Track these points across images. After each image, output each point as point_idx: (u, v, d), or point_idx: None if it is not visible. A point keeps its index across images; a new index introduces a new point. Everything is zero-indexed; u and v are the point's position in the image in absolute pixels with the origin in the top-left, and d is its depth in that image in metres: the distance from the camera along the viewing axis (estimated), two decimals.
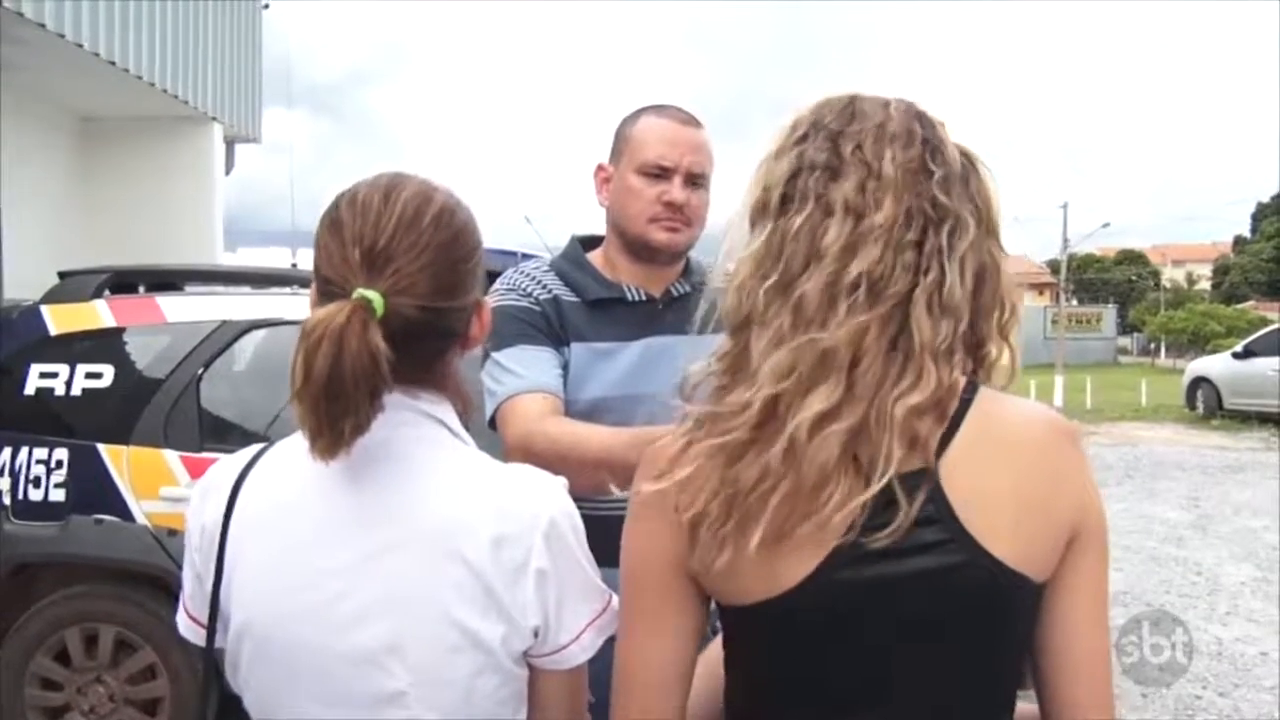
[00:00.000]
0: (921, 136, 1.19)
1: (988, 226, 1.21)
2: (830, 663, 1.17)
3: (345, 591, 1.23)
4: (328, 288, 1.24)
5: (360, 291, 1.19)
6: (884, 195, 1.14)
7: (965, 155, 1.23)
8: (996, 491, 1.14)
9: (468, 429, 1.37)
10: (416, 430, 1.29)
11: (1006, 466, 1.15)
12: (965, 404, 1.16)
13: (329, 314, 1.16)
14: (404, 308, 1.21)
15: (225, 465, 1.36)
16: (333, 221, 1.27)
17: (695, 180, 2.15)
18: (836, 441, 1.10)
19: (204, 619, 1.33)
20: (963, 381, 1.17)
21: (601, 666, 1.35)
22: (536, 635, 1.26)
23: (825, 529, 1.11)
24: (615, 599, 1.33)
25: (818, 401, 1.10)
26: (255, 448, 1.37)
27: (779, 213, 1.18)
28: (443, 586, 1.22)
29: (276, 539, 1.27)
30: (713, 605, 1.25)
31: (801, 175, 1.18)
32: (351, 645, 1.22)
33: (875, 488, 1.10)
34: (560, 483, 1.32)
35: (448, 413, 1.33)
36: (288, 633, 1.25)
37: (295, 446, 1.31)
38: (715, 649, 1.31)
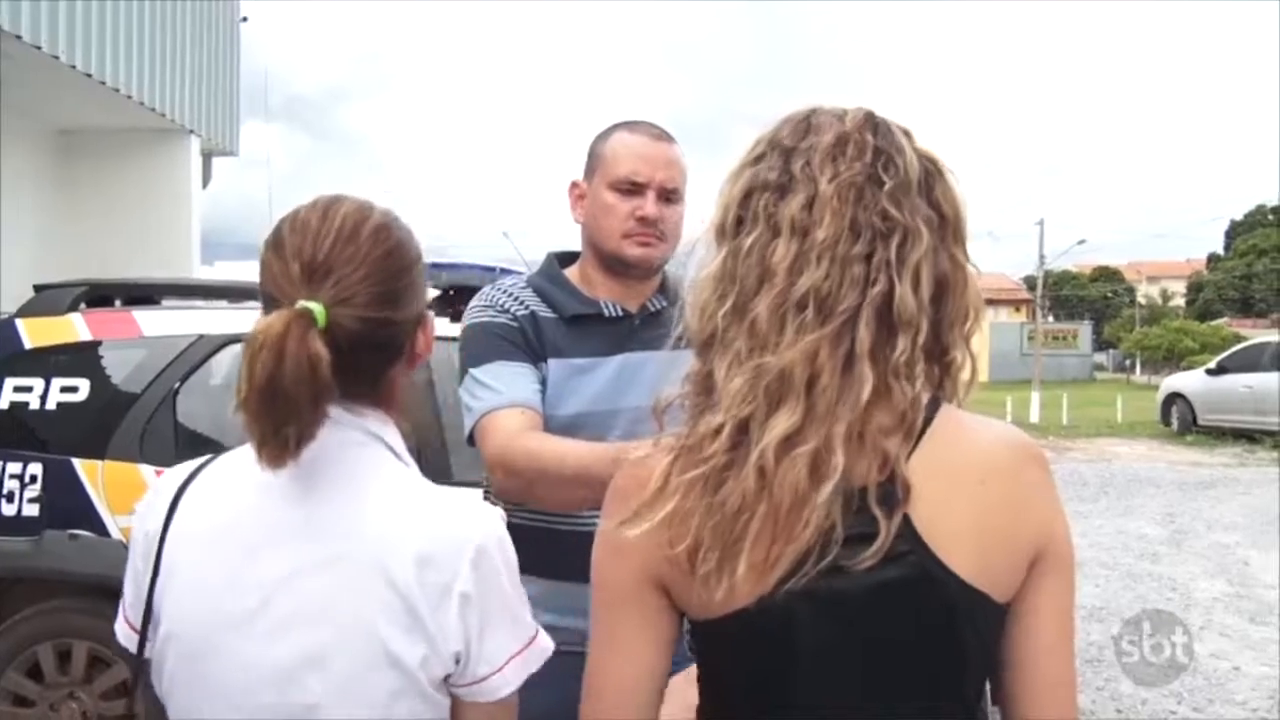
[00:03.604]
0: (873, 146, 1.18)
1: (954, 233, 1.21)
2: (793, 674, 1.17)
3: (269, 603, 1.24)
4: (271, 303, 1.26)
5: (302, 303, 1.21)
6: (826, 210, 1.14)
7: (930, 161, 1.22)
8: (958, 508, 1.14)
9: (413, 449, 1.39)
10: (358, 449, 1.30)
11: (969, 485, 1.15)
12: (927, 420, 1.16)
13: (269, 323, 1.18)
14: (345, 318, 1.24)
15: (172, 475, 1.38)
16: (275, 242, 1.30)
17: (669, 195, 2.17)
18: (804, 463, 1.10)
19: (138, 623, 1.35)
20: (926, 397, 1.17)
21: (554, 702, 1.37)
22: (458, 662, 1.26)
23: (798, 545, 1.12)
24: (542, 635, 1.35)
25: (780, 424, 1.11)
26: (201, 459, 1.39)
27: (733, 233, 1.19)
28: (367, 603, 1.22)
29: (210, 549, 1.28)
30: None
31: (754, 195, 1.19)
32: (272, 658, 1.23)
33: (828, 490, 1.10)
34: (496, 512, 1.34)
35: (391, 433, 1.35)
36: (210, 642, 1.26)
37: (240, 459, 1.33)
38: (687, 677, 1.32)
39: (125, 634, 1.39)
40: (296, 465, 1.25)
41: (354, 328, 1.24)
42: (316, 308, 1.21)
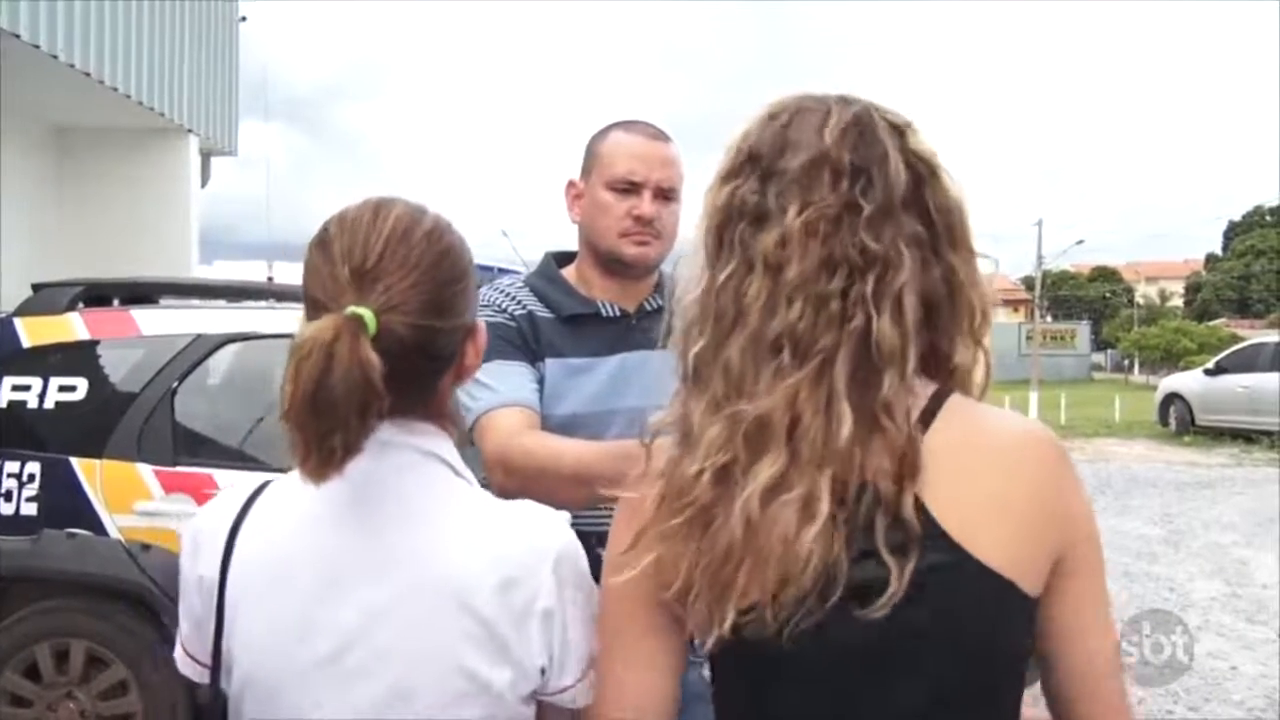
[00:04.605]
0: (851, 167, 1.13)
1: (949, 239, 1.17)
2: (816, 680, 1.14)
3: (352, 643, 1.21)
4: (317, 307, 1.20)
5: (352, 309, 1.15)
6: (799, 246, 1.10)
7: (921, 162, 1.17)
8: (976, 498, 1.10)
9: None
10: (417, 471, 1.26)
11: (986, 475, 1.12)
12: (933, 410, 1.13)
13: (318, 329, 1.12)
14: (396, 325, 1.18)
15: (218, 510, 1.32)
16: (321, 241, 1.24)
17: (665, 194, 2.17)
18: (793, 512, 1.07)
19: (203, 659, 1.31)
20: (929, 389, 1.14)
21: None
22: (543, 674, 1.25)
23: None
24: None
25: (764, 471, 1.08)
26: (248, 489, 1.33)
27: (713, 261, 1.15)
28: (451, 635, 1.20)
29: (279, 590, 1.24)
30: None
31: (731, 222, 1.15)
32: (357, 698, 1.21)
33: (813, 533, 1.07)
34: (563, 517, 1.30)
35: (447, 448, 1.30)
36: (292, 685, 1.22)
37: (290, 488, 1.29)
38: None
39: (187, 664, 1.36)
40: (357, 493, 1.23)
41: (404, 335, 1.19)
42: (367, 314, 1.15)
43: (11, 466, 4.21)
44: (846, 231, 1.11)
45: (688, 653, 1.26)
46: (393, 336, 1.17)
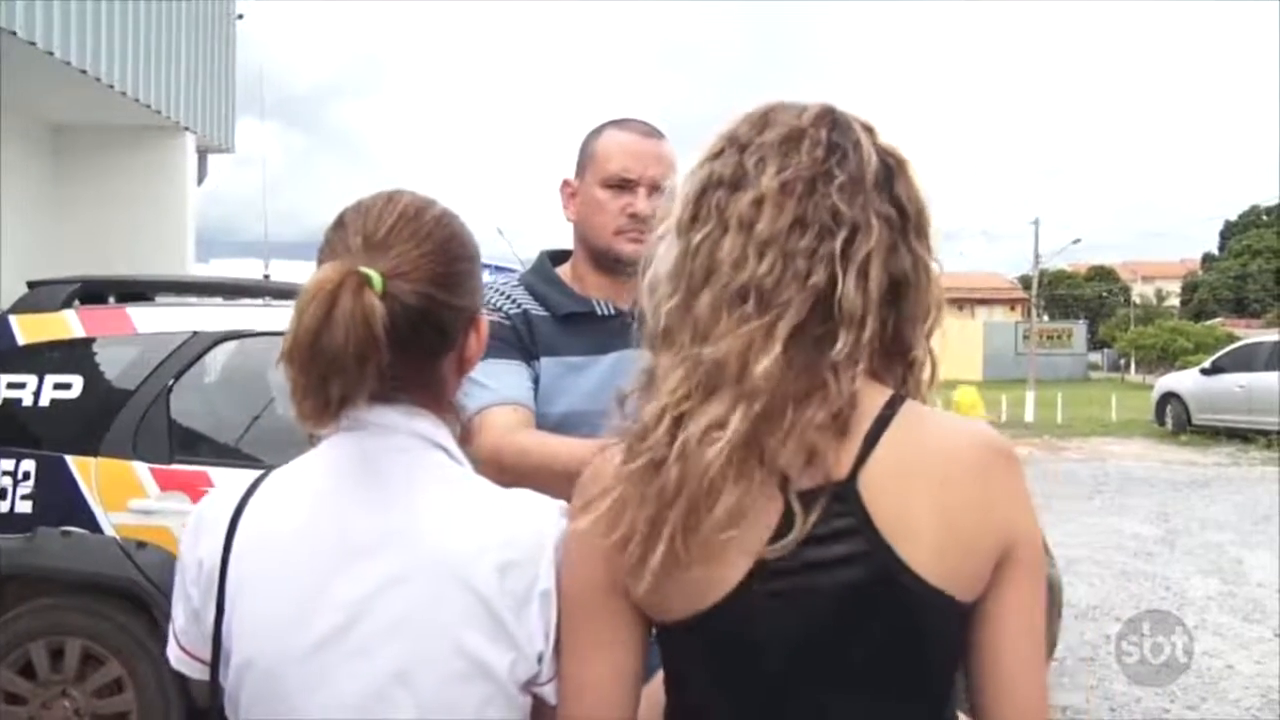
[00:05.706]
0: (827, 141, 1.17)
1: (916, 229, 1.19)
2: (757, 677, 1.16)
3: (351, 624, 1.21)
4: None
5: (360, 268, 1.18)
6: (773, 205, 1.13)
7: (891, 156, 1.20)
8: (920, 508, 1.11)
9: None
10: (417, 457, 1.28)
11: (932, 484, 1.13)
12: (887, 418, 1.14)
13: (323, 275, 1.15)
14: (402, 291, 1.21)
15: (221, 496, 1.33)
16: (336, 223, 1.30)
17: (659, 191, 2.16)
18: (723, 449, 1.09)
19: (199, 653, 1.31)
20: (885, 396, 1.16)
21: None
22: (539, 661, 1.26)
23: (744, 543, 1.11)
24: None
25: (708, 414, 1.10)
26: (250, 477, 1.34)
27: (688, 230, 1.18)
28: (451, 615, 1.21)
29: (278, 573, 1.25)
30: None
31: (708, 192, 1.18)
32: (358, 678, 1.21)
33: (779, 500, 1.10)
34: (560, 505, 1.31)
35: (444, 435, 1.32)
36: (291, 668, 1.23)
37: (293, 476, 1.31)
38: (655, 683, 1.30)
39: (180, 660, 1.36)
40: (355, 475, 1.25)
41: (410, 302, 1.21)
42: (374, 274, 1.18)
43: (6, 464, 4.20)
44: (820, 195, 1.14)
45: (649, 635, 1.26)
46: (398, 302, 1.20)
